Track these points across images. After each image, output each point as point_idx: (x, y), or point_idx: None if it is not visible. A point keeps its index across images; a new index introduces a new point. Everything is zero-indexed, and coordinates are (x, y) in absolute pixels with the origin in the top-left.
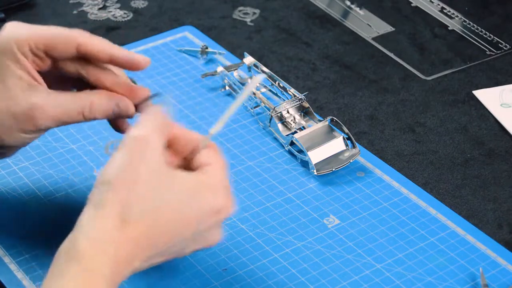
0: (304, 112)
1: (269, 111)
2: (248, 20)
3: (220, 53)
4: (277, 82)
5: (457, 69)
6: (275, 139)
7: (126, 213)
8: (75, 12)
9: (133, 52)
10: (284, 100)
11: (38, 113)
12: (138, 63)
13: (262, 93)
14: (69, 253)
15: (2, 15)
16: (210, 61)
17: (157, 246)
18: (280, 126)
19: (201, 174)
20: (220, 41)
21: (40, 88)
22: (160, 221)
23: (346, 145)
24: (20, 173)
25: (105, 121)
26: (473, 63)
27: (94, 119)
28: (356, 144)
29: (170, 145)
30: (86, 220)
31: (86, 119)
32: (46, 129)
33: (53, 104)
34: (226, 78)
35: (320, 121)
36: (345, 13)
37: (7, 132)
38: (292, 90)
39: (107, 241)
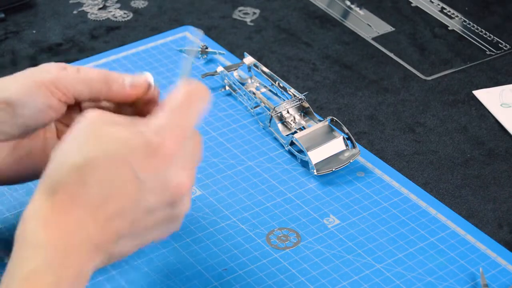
0: (304, 112)
1: (269, 111)
2: (248, 20)
3: (220, 53)
4: (277, 82)
5: (457, 69)
6: (275, 139)
7: (51, 181)
8: (75, 12)
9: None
10: (284, 100)
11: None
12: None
13: (262, 93)
14: (12, 243)
15: (2, 15)
16: (210, 61)
17: (98, 200)
18: (280, 126)
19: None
20: (220, 41)
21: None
22: (89, 176)
23: (346, 145)
24: None
25: None
26: (473, 63)
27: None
28: (356, 144)
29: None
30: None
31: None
32: (70, 98)
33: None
34: (226, 78)
35: (320, 121)
36: (345, 13)
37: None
38: (292, 90)
39: (37, 213)
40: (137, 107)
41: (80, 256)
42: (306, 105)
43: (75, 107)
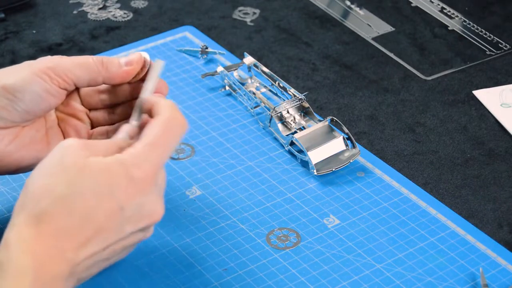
0: (304, 112)
1: (269, 111)
2: (248, 20)
3: (220, 53)
4: (277, 82)
5: (457, 69)
6: (275, 139)
7: (37, 209)
8: (75, 12)
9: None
10: (284, 100)
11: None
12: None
13: (262, 93)
14: None
15: (2, 15)
16: (210, 61)
17: (82, 230)
18: (280, 126)
19: (119, 154)
20: (220, 41)
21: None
22: (74, 207)
23: (346, 145)
24: None
25: None
26: (473, 63)
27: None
28: (356, 144)
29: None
30: (6, 231)
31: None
32: (69, 84)
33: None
34: (226, 78)
35: (320, 121)
36: (345, 13)
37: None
38: (292, 90)
39: (22, 240)
40: (134, 85)
41: (58, 283)
42: (306, 105)
43: (74, 96)
